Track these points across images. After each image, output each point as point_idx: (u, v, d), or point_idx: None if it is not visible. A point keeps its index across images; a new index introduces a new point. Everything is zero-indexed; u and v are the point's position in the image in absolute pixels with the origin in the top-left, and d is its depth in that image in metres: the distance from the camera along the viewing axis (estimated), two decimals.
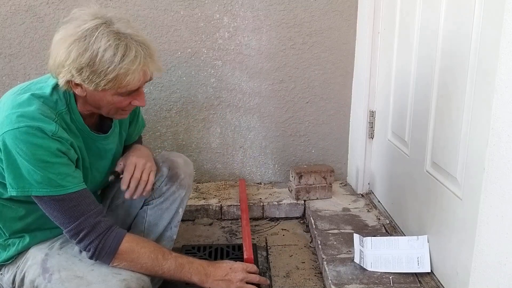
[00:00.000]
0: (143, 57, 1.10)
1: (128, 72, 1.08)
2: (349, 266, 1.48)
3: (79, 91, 1.14)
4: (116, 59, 1.06)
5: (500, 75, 0.95)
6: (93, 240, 1.16)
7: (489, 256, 1.02)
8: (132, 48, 1.08)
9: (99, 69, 1.07)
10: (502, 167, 0.95)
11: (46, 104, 1.14)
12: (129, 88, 1.13)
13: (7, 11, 1.94)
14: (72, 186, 1.13)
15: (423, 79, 1.52)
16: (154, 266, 1.21)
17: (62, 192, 1.12)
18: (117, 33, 1.08)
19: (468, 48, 1.21)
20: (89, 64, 1.06)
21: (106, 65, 1.06)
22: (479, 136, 1.15)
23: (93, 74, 1.07)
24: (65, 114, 1.18)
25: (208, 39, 2.04)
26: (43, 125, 1.09)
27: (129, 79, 1.10)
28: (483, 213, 1.03)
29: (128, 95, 1.16)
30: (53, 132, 1.10)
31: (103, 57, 1.06)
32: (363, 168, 2.09)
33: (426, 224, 1.49)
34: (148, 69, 1.13)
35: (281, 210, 2.04)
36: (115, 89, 1.11)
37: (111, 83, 1.09)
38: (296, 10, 2.04)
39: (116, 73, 1.07)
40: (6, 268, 1.27)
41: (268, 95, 2.13)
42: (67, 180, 1.13)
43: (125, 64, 1.07)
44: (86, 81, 1.09)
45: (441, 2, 1.37)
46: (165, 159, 1.44)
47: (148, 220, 1.41)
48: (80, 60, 1.06)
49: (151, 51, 1.13)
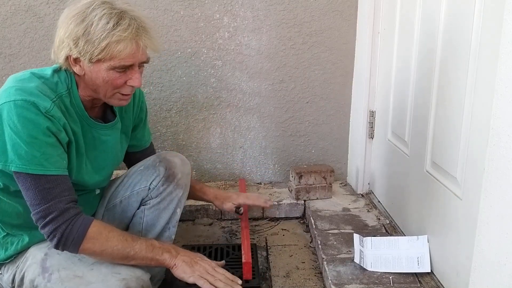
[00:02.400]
0: (135, 28, 1.13)
1: (120, 39, 1.11)
2: (349, 266, 1.48)
3: (77, 69, 1.17)
4: (108, 27, 1.10)
5: (500, 75, 0.95)
6: (60, 225, 1.13)
7: (489, 256, 1.01)
8: (125, 19, 1.12)
9: (93, 38, 1.10)
10: (502, 167, 0.95)
11: (46, 84, 1.16)
12: (122, 59, 1.13)
13: (7, 11, 1.94)
14: (53, 168, 1.12)
15: (423, 79, 1.52)
16: (125, 248, 1.18)
17: (41, 172, 1.11)
18: (113, 7, 1.13)
19: (468, 48, 1.21)
20: (84, 33, 1.10)
21: (99, 33, 1.10)
22: (479, 136, 1.15)
23: (87, 43, 1.11)
24: (65, 97, 1.19)
25: (208, 39, 2.04)
26: (38, 101, 1.10)
27: (121, 48, 1.12)
28: (483, 213, 1.03)
29: (122, 71, 1.16)
30: (47, 109, 1.11)
31: (97, 25, 1.10)
32: (363, 168, 2.09)
33: (426, 224, 1.50)
34: (141, 40, 1.15)
35: (281, 210, 2.04)
36: (108, 60, 1.13)
37: (104, 52, 1.11)
38: (296, 10, 2.04)
39: (108, 40, 1.10)
40: (6, 267, 1.27)
41: (268, 95, 2.13)
42: (50, 161, 1.12)
43: (117, 31, 1.10)
44: (82, 53, 1.12)
45: (441, 3, 1.37)
46: (162, 158, 1.43)
47: (146, 220, 1.40)
48: (76, 30, 1.11)
49: (146, 25, 1.17)
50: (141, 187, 1.40)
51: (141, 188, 1.40)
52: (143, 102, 1.50)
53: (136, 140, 1.52)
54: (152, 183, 1.39)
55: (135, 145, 1.53)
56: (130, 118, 1.44)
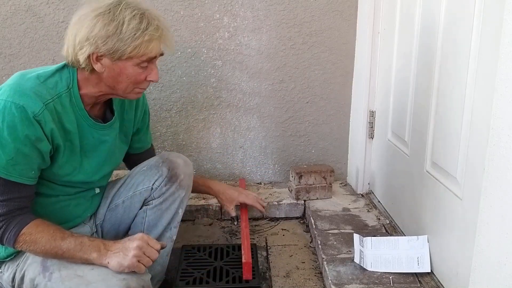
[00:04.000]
0: (163, 28, 1.20)
1: (152, 38, 1.17)
2: (349, 266, 1.48)
3: (98, 67, 1.19)
4: (142, 26, 1.15)
5: (500, 75, 0.95)
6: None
7: (489, 256, 1.01)
8: (154, 19, 1.19)
9: (125, 36, 1.14)
10: (502, 167, 0.95)
11: (44, 85, 1.17)
12: (150, 56, 1.20)
13: (7, 11, 1.94)
14: (16, 175, 1.13)
15: (423, 79, 1.52)
16: (53, 248, 1.16)
17: (3, 176, 1.12)
18: (138, 8, 1.18)
19: (468, 48, 1.21)
20: (116, 32, 1.14)
21: (133, 32, 1.15)
22: (479, 136, 1.15)
23: (119, 41, 1.15)
24: (64, 96, 1.20)
25: (208, 39, 2.04)
26: (28, 104, 1.11)
27: (153, 46, 1.18)
28: (483, 213, 1.03)
29: (146, 66, 1.22)
30: (35, 113, 1.12)
31: (129, 25, 1.14)
32: (363, 168, 2.09)
33: (426, 224, 1.50)
34: (167, 40, 1.23)
35: (281, 210, 2.04)
36: (139, 56, 1.18)
37: (137, 49, 1.16)
38: (296, 10, 2.04)
39: (142, 39, 1.15)
40: (6, 266, 1.27)
41: (268, 95, 2.13)
42: (16, 168, 1.12)
43: (150, 31, 1.16)
44: (111, 51, 1.15)
45: (441, 3, 1.37)
46: (164, 159, 1.44)
47: (148, 220, 1.40)
48: (107, 29, 1.14)
49: (167, 25, 1.24)
50: (144, 187, 1.40)
51: (144, 188, 1.40)
52: (147, 105, 1.51)
53: (139, 142, 1.53)
54: (155, 184, 1.40)
55: (137, 147, 1.54)
56: (132, 119, 1.44)
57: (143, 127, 1.52)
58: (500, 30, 0.95)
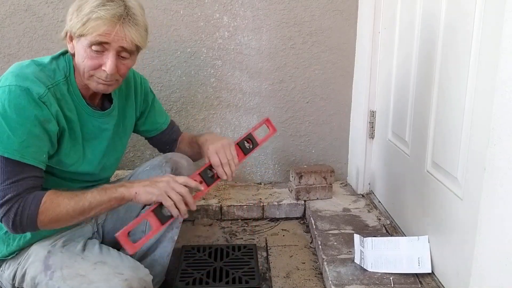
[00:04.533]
0: (120, 12, 1.15)
1: (99, 17, 1.13)
2: (349, 267, 1.48)
3: (70, 47, 1.21)
4: (95, 4, 1.14)
5: (500, 75, 0.95)
6: (12, 205, 1.11)
7: (489, 256, 1.01)
8: (116, 3, 1.15)
9: (80, 13, 1.15)
10: (503, 167, 0.95)
11: (43, 71, 1.19)
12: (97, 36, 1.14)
13: (6, 10, 1.94)
14: (30, 158, 1.13)
15: (423, 79, 1.52)
16: (77, 202, 1.15)
17: (16, 158, 1.11)
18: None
19: (468, 48, 1.21)
20: (77, 9, 1.16)
21: (87, 10, 1.14)
22: (480, 136, 1.15)
23: (76, 18, 1.15)
24: (62, 85, 1.21)
25: (208, 39, 2.04)
26: (32, 87, 1.13)
27: (98, 24, 1.13)
28: (484, 213, 1.02)
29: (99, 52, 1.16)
30: (40, 95, 1.13)
31: (88, 3, 1.15)
32: (363, 168, 2.09)
33: (426, 224, 1.49)
34: (123, 26, 1.15)
35: (281, 210, 2.03)
36: (86, 35, 1.15)
37: (84, 26, 1.14)
38: (296, 9, 2.04)
39: (89, 16, 1.14)
40: (7, 264, 1.27)
41: (268, 95, 2.13)
42: (29, 150, 1.12)
43: (100, 10, 1.13)
44: (71, 28, 1.17)
45: (441, 3, 1.37)
46: (168, 159, 1.44)
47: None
48: (73, 8, 1.18)
49: (135, 16, 1.18)
50: None
51: None
52: (146, 89, 1.51)
53: (148, 124, 1.54)
54: None
55: (150, 130, 1.55)
56: (133, 106, 1.45)
57: (147, 109, 1.51)
58: (500, 29, 0.95)
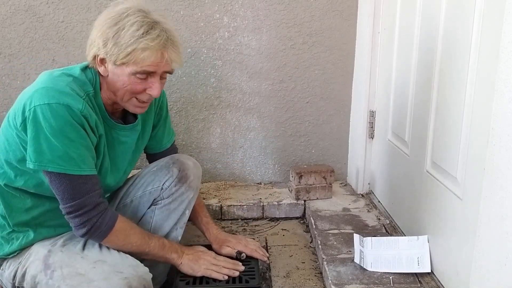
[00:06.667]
0: (164, 39, 1.17)
1: (146, 48, 1.14)
2: (349, 266, 1.48)
3: (102, 70, 1.21)
4: (138, 34, 1.14)
5: (500, 75, 0.95)
6: (91, 218, 1.20)
7: (489, 256, 1.01)
8: (156, 29, 1.16)
9: (121, 41, 1.14)
10: (503, 167, 0.95)
11: (75, 82, 1.20)
12: (145, 66, 1.16)
13: (7, 11, 1.94)
14: (87, 169, 1.18)
15: (423, 79, 1.52)
16: (142, 244, 1.29)
17: (78, 172, 1.16)
18: (147, 16, 1.17)
19: (468, 48, 1.21)
20: (114, 36, 1.15)
21: (128, 38, 1.14)
22: (479, 136, 1.15)
23: (115, 46, 1.15)
24: (91, 96, 1.23)
25: (208, 39, 2.04)
26: (71, 102, 1.14)
27: (145, 56, 1.15)
28: (483, 213, 1.03)
29: (144, 78, 1.19)
30: (80, 110, 1.15)
31: (128, 31, 1.14)
32: (363, 168, 2.09)
33: (426, 224, 1.49)
34: (167, 52, 1.18)
35: (281, 210, 2.04)
36: (131, 65, 1.16)
37: (128, 57, 1.15)
38: (296, 10, 2.04)
39: (135, 46, 1.14)
40: (8, 262, 1.28)
41: (268, 95, 2.13)
42: (85, 162, 1.17)
43: (145, 39, 1.14)
44: (108, 54, 1.16)
45: (441, 3, 1.37)
46: (175, 160, 1.45)
47: (155, 220, 1.41)
48: (108, 32, 1.15)
49: (175, 40, 1.20)
50: (154, 187, 1.41)
51: (154, 188, 1.41)
52: (163, 101, 1.51)
53: (155, 140, 1.53)
54: (165, 184, 1.40)
55: (153, 146, 1.54)
56: (151, 120, 1.46)
57: (159, 122, 1.51)
58: (500, 29, 0.95)
